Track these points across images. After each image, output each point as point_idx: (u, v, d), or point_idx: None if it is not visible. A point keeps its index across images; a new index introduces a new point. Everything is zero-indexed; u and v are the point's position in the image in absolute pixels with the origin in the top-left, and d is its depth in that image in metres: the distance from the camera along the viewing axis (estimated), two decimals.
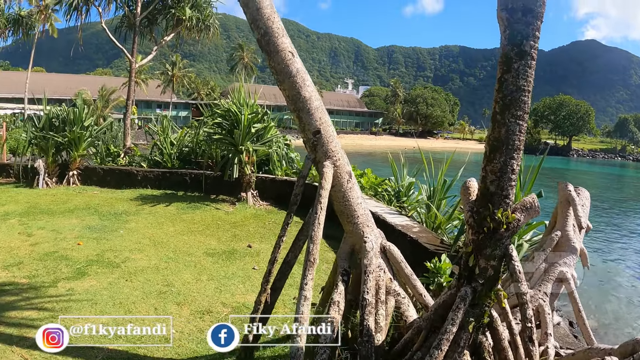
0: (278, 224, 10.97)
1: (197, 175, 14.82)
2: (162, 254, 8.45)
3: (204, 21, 22.25)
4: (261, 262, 8.11)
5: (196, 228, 10.44)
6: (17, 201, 13.38)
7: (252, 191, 13.14)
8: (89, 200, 13.59)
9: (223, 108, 12.95)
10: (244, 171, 12.80)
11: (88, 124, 16.12)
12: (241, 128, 12.32)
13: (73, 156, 15.96)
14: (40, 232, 9.87)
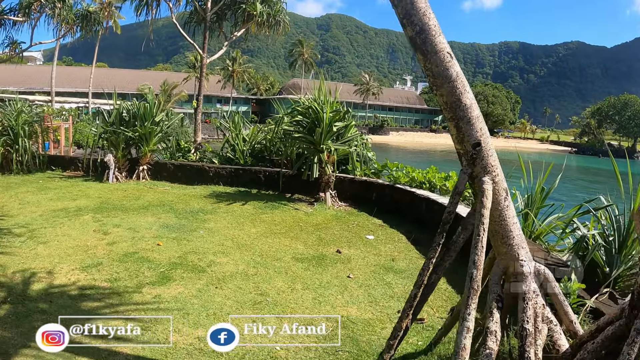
0: (362, 227, 10.48)
1: (271, 173, 14.44)
2: (248, 257, 8.03)
3: (274, 16, 21.92)
4: (355, 270, 7.62)
5: (278, 230, 10.00)
6: (89, 196, 13.25)
7: (330, 191, 12.67)
8: (162, 196, 13.35)
9: (303, 105, 12.52)
10: (323, 171, 12.34)
11: (159, 119, 15.96)
12: (322, 126, 11.88)
13: (143, 151, 15.84)
14: (117, 230, 9.59)
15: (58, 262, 7.58)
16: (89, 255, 7.95)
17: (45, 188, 14.52)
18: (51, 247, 8.40)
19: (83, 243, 8.62)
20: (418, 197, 10.91)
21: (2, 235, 9.26)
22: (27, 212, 11.25)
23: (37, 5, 21.99)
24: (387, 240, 9.56)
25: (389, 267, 7.86)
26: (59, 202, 12.37)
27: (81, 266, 7.38)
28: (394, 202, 11.91)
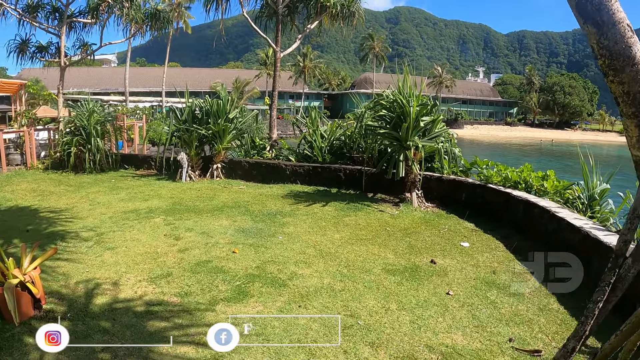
0: (454, 232, 9.45)
1: (352, 171, 13.54)
2: (333, 269, 7.17)
3: (348, 7, 21.00)
4: (453, 285, 6.66)
5: (364, 235, 9.08)
6: (161, 196, 12.80)
7: (417, 191, 11.67)
8: (237, 196, 12.72)
9: (388, 99, 11.57)
10: (410, 169, 11.36)
11: (233, 116, 15.43)
12: (409, 121, 10.89)
13: (217, 149, 15.35)
14: (189, 234, 8.95)
15: (125, 271, 6.97)
16: (158, 263, 7.33)
17: (117, 188, 14.22)
18: (119, 253, 7.84)
19: (153, 249, 8.02)
20: (514, 199, 9.77)
21: (70, 239, 8.82)
22: (96, 214, 10.87)
23: (105, 6, 21.91)
24: (484, 248, 8.51)
25: (490, 282, 6.86)
26: (130, 203, 11.97)
27: (149, 277, 6.75)
28: (486, 203, 10.81)
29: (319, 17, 20.99)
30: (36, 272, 5.77)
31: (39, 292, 5.59)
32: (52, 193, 13.88)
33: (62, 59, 22.59)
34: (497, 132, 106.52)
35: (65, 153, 17.85)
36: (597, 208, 9.05)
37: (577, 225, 7.22)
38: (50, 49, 23.82)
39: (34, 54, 23.71)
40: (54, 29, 23.09)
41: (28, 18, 22.38)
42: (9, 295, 5.29)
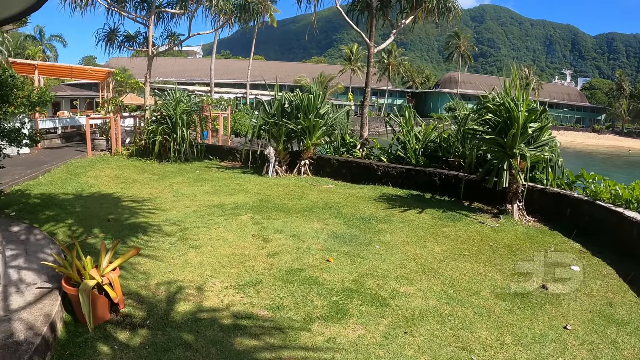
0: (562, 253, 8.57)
1: (447, 176, 12.75)
2: (438, 288, 6.50)
3: (444, 2, 20.17)
4: (569, 317, 5.91)
5: (466, 250, 8.33)
6: (247, 191, 12.41)
7: (518, 203, 10.79)
8: (327, 196, 12.18)
9: (495, 102, 10.71)
10: (513, 179, 10.50)
11: (324, 112, 14.95)
12: (516, 128, 10.02)
13: (306, 144, 14.93)
14: (278, 237, 8.44)
15: (210, 275, 6.51)
16: (246, 268, 6.86)
17: (201, 179, 13.96)
18: (204, 253, 7.42)
19: (240, 251, 7.56)
20: (628, 221, 8.74)
21: (152, 232, 8.50)
22: (180, 207, 10.58)
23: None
24: (595, 274, 7.60)
25: (608, 316, 6.05)
26: (215, 197, 11.65)
27: (237, 283, 6.27)
28: (593, 222, 9.79)
29: (414, 12, 20.32)
30: (115, 274, 5.36)
31: (118, 295, 5.16)
32: (135, 181, 13.79)
33: (149, 48, 22.77)
34: (583, 139, 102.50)
35: (150, 141, 17.89)
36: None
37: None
38: (138, 39, 24.32)
39: (122, 43, 24.20)
40: (142, 19, 23.43)
41: (117, 8, 22.79)
42: (84, 298, 4.88)
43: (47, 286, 5.53)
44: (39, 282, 5.66)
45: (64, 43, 79.51)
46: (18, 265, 6.28)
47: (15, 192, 12.04)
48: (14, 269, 6.13)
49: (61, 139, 25.56)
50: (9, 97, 9.62)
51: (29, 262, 6.41)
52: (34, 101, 10.56)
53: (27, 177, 13.73)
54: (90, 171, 15.15)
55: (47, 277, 5.81)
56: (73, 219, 9.46)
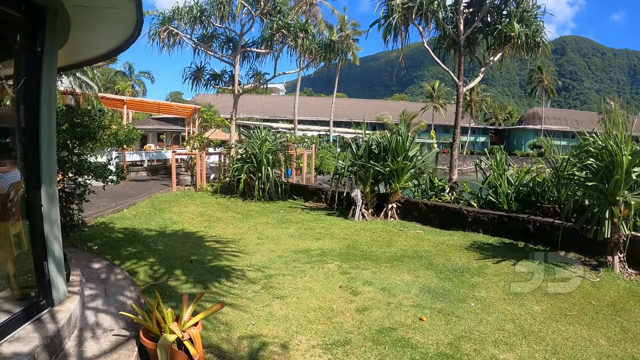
0: None
1: (542, 223, 12.01)
2: (540, 355, 5.85)
3: (533, 37, 19.61)
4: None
5: (567, 309, 7.60)
6: (333, 235, 12.05)
7: (619, 254, 10.01)
8: (416, 243, 11.64)
9: (596, 146, 10.05)
10: (615, 228, 9.77)
11: (412, 154, 14.57)
12: (620, 173, 9.34)
13: (394, 188, 14.58)
14: (367, 289, 7.98)
15: (296, 330, 6.13)
16: (334, 325, 6.42)
17: (286, 220, 13.79)
18: (289, 305, 7.05)
19: (328, 305, 7.15)
20: None
21: (235, 278, 8.27)
22: (264, 250, 10.35)
23: (279, 37, 22.37)
24: None
25: None
26: (301, 241, 11.35)
27: (324, 342, 5.84)
28: None
29: (502, 49, 19.85)
30: (197, 329, 5.08)
31: (198, 353, 4.88)
32: (219, 220, 13.78)
33: (235, 87, 23.28)
34: None
35: (235, 179, 17.96)
36: None
37: None
38: (224, 77, 25.04)
39: (208, 81, 24.89)
40: (228, 58, 24.12)
41: (203, 47, 23.63)
42: (162, 353, 4.63)
43: (125, 334, 5.35)
44: (116, 329, 5.49)
45: (152, 79, 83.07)
46: (96, 307, 6.16)
47: (99, 224, 12.24)
48: (92, 310, 6.00)
49: (147, 171, 26.38)
50: (95, 134, 9.76)
51: (107, 304, 6.29)
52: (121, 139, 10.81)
53: (111, 210, 14.00)
54: (174, 207, 15.29)
55: (125, 324, 5.64)
56: (155, 258, 9.44)
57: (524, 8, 19.96)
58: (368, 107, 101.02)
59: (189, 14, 22.27)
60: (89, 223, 11.87)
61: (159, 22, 22.59)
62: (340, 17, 59.80)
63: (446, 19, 20.60)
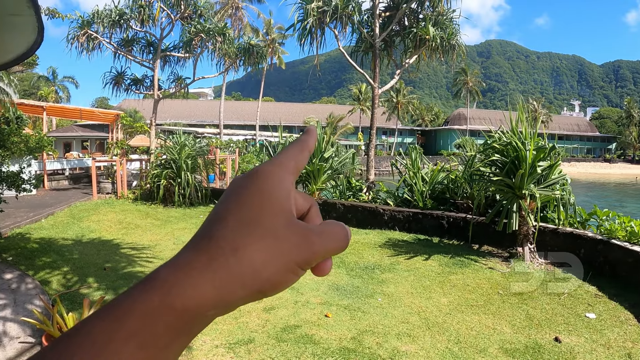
0: (576, 298, 8.09)
1: (455, 219, 12.36)
2: (442, 345, 6.03)
3: (448, 40, 20.06)
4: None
5: (474, 300, 7.86)
6: None
7: (529, 245, 10.37)
8: None
9: (501, 142, 10.36)
10: (523, 220, 10.11)
11: (328, 155, 14.57)
12: (525, 168, 9.66)
13: (311, 189, 14.51)
14: None
15: (203, 331, 6.05)
16: (239, 324, 6.44)
17: None
18: None
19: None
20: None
21: None
22: None
23: (198, 41, 22.25)
24: (612, 320, 7.14)
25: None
26: None
27: (228, 342, 5.87)
28: (608, 263, 9.36)
29: (418, 52, 20.23)
30: None
31: None
32: (137, 227, 13.60)
33: (155, 92, 22.94)
34: (595, 169, 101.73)
35: (155, 185, 17.69)
36: None
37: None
38: (145, 82, 24.62)
39: (129, 86, 24.40)
40: (149, 63, 23.68)
41: (123, 52, 23.22)
42: None
43: (30, 341, 5.32)
44: (22, 336, 5.46)
45: (76, 84, 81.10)
46: (4, 316, 6.07)
47: (15, 235, 11.95)
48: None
49: (69, 180, 25.76)
50: (5, 142, 9.49)
51: (15, 313, 6.20)
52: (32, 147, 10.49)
53: (29, 220, 13.63)
54: (93, 215, 15.01)
55: (31, 331, 5.61)
56: (69, 267, 9.26)
57: (439, 12, 20.38)
58: (296, 111, 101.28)
59: (109, 18, 21.79)
60: (5, 234, 11.61)
61: (78, 25, 22.01)
62: (267, 21, 59.69)
63: (363, 23, 20.78)
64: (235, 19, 53.42)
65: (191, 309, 0.44)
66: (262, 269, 0.46)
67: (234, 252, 0.46)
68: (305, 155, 0.57)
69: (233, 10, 53.69)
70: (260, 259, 0.46)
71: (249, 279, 0.46)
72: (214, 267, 0.45)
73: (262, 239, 0.47)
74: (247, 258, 0.46)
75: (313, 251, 0.49)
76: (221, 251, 0.46)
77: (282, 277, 0.47)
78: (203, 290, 0.44)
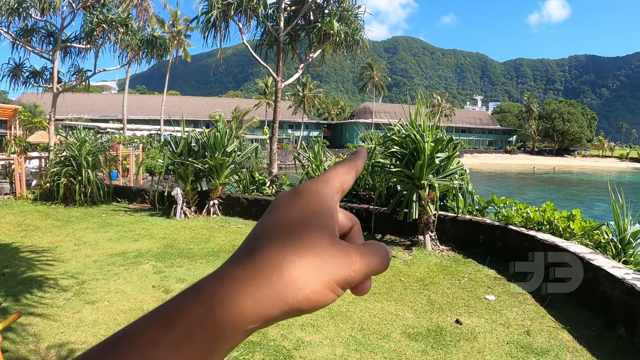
0: (476, 282, 8.48)
1: (358, 210, 12.53)
2: (346, 333, 6.16)
3: (352, 36, 20.31)
4: (485, 353, 5.71)
5: (377, 288, 8.03)
6: (152, 235, 11.84)
7: (430, 233, 10.70)
8: (234, 237, 11.74)
9: (400, 135, 10.61)
10: (423, 210, 10.40)
11: (231, 150, 14.48)
12: (423, 159, 9.95)
13: (214, 184, 14.42)
14: (180, 286, 7.92)
15: (104, 334, 5.98)
16: None
17: (106, 224, 13.34)
18: (99, 309, 6.85)
19: (138, 305, 7.03)
20: (540, 243, 8.78)
21: (48, 287, 7.89)
22: (80, 256, 9.96)
23: (100, 32, 21.40)
24: (511, 301, 7.52)
25: (526, 346, 5.93)
26: (119, 244, 11.04)
27: None
28: (506, 247, 9.82)
29: (322, 46, 20.35)
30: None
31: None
32: (37, 228, 13.07)
33: (54, 85, 21.99)
34: (497, 160, 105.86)
35: (55, 184, 17.02)
36: (631, 251, 8.25)
37: (618, 277, 6.42)
38: (45, 74, 23.40)
39: (28, 79, 23.20)
40: (48, 54, 22.58)
41: (22, 42, 22.01)
42: None
43: None
44: None
45: None
46: None
47: None
48: None
49: None
50: None
51: None
52: None
53: None
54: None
55: None
56: None
57: (344, 7, 20.57)
58: (201, 105, 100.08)
59: (7, 5, 20.65)
60: None
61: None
62: (173, 12, 58.64)
63: (268, 16, 20.71)
64: (140, 10, 52.31)
65: (233, 322, 0.45)
66: (304, 286, 0.48)
67: (278, 268, 0.47)
68: (352, 175, 0.59)
69: (139, 0, 52.43)
70: (303, 277, 0.48)
71: (290, 296, 0.47)
72: (258, 282, 0.47)
73: (305, 257, 0.48)
74: (289, 275, 0.47)
75: (354, 270, 0.50)
76: (265, 267, 0.47)
77: (322, 295, 0.49)
78: (245, 305, 0.46)
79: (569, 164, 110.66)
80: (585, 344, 6.03)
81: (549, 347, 5.91)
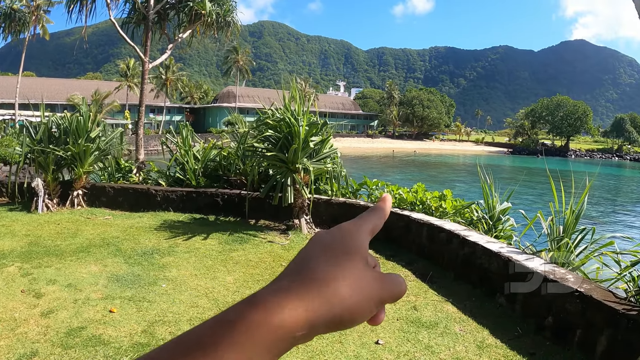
0: None
1: (230, 196, 12.36)
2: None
3: (224, 17, 19.93)
4: (379, 330, 5.77)
5: (260, 275, 7.89)
6: (14, 233, 10.54)
7: (305, 217, 10.70)
8: (104, 230, 10.95)
9: (275, 118, 10.47)
10: (298, 194, 10.37)
11: (95, 135, 13.54)
12: (298, 143, 9.89)
13: (77, 173, 13.34)
14: (52, 289, 7.11)
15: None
16: (18, 336, 5.53)
17: None
18: None
19: (9, 315, 6.12)
20: (416, 223, 9.13)
21: None
22: None
23: None
24: None
25: (416, 320, 6.13)
26: None
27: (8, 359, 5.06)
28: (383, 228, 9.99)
29: (192, 27, 19.82)
30: None
31: None
32: None
33: None
34: (359, 144, 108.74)
35: None
36: (500, 227, 8.84)
37: (494, 250, 6.87)
38: None
39: None
40: None
41: None
42: None
43: None
44: None
45: None
46: None
47: None
48: None
49: None
50: None
51: None
52: None
53: None
54: None
55: None
56: None
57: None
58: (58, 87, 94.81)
59: None
60: None
61: None
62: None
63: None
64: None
65: (285, 328, 0.51)
66: (348, 298, 0.56)
67: (326, 283, 0.56)
68: (382, 221, 0.71)
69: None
70: (347, 292, 0.56)
71: (337, 306, 0.55)
72: (309, 295, 0.54)
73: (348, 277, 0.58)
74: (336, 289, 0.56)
75: (384, 290, 0.61)
76: (315, 282, 0.56)
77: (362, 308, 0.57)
78: (297, 313, 0.52)
79: (428, 147, 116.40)
80: (470, 314, 6.36)
81: (437, 320, 6.13)
